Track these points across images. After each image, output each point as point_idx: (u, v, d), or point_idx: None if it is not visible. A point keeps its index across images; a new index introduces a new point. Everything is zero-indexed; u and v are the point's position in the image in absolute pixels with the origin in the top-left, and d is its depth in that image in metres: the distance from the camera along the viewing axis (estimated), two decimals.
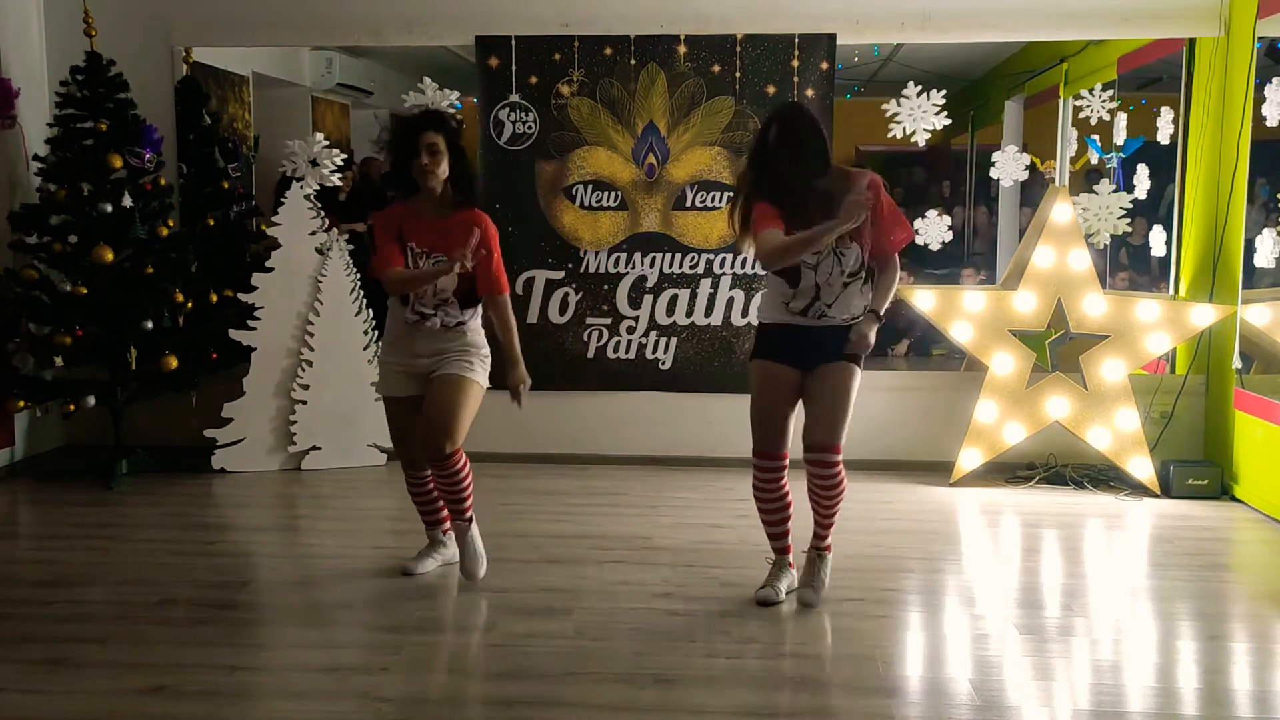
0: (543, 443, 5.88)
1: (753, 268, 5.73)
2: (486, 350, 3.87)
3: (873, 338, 3.59)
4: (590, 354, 5.88)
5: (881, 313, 3.63)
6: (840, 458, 3.60)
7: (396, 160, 3.72)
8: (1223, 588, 4.12)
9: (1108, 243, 5.80)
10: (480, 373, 3.81)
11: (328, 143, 5.86)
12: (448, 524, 4.06)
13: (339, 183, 5.93)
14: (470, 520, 3.91)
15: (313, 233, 5.67)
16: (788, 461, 3.67)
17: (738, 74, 5.70)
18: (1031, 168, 5.87)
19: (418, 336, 3.79)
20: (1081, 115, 6.61)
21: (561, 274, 5.83)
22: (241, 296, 5.62)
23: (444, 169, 3.69)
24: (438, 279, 3.67)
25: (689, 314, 5.83)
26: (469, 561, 3.91)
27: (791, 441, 3.69)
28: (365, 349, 5.70)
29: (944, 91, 5.62)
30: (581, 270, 5.84)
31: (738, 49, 5.68)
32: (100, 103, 5.39)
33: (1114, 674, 3.32)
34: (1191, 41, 5.60)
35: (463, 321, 3.82)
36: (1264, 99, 4.94)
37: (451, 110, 5.78)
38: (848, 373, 3.61)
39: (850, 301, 3.59)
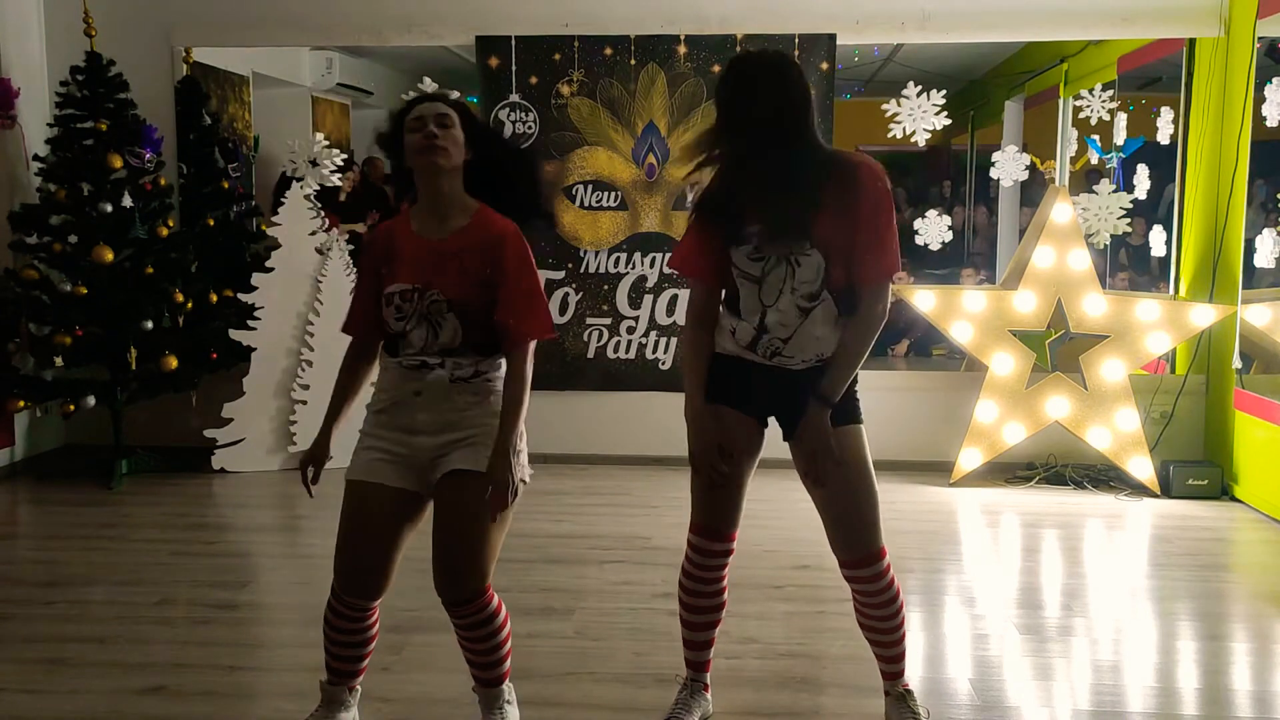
0: (543, 443, 5.84)
1: None
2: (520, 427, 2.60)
3: (828, 437, 2.56)
4: (590, 354, 5.88)
5: (835, 397, 2.56)
6: (886, 561, 2.67)
7: (393, 149, 2.58)
8: (1223, 588, 4.12)
9: (1108, 243, 5.81)
10: (512, 460, 2.54)
11: (328, 143, 5.87)
12: (360, 679, 2.80)
13: (339, 183, 5.94)
14: (504, 694, 2.76)
15: (313, 233, 5.67)
16: (733, 549, 2.79)
17: None
18: (1031, 168, 5.87)
19: (418, 404, 2.56)
20: (1081, 115, 6.62)
21: (561, 274, 5.83)
22: (241, 296, 5.62)
23: (457, 154, 2.50)
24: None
25: None
26: None
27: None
28: None
29: (944, 91, 5.62)
30: (581, 270, 5.84)
31: (738, 49, 5.68)
32: (100, 103, 5.40)
33: (1114, 674, 3.32)
34: (1191, 41, 5.60)
35: (482, 374, 2.56)
36: (1264, 99, 4.94)
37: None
38: (852, 437, 2.61)
39: (813, 336, 2.57)
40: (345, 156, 6.02)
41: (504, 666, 2.72)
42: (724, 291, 2.69)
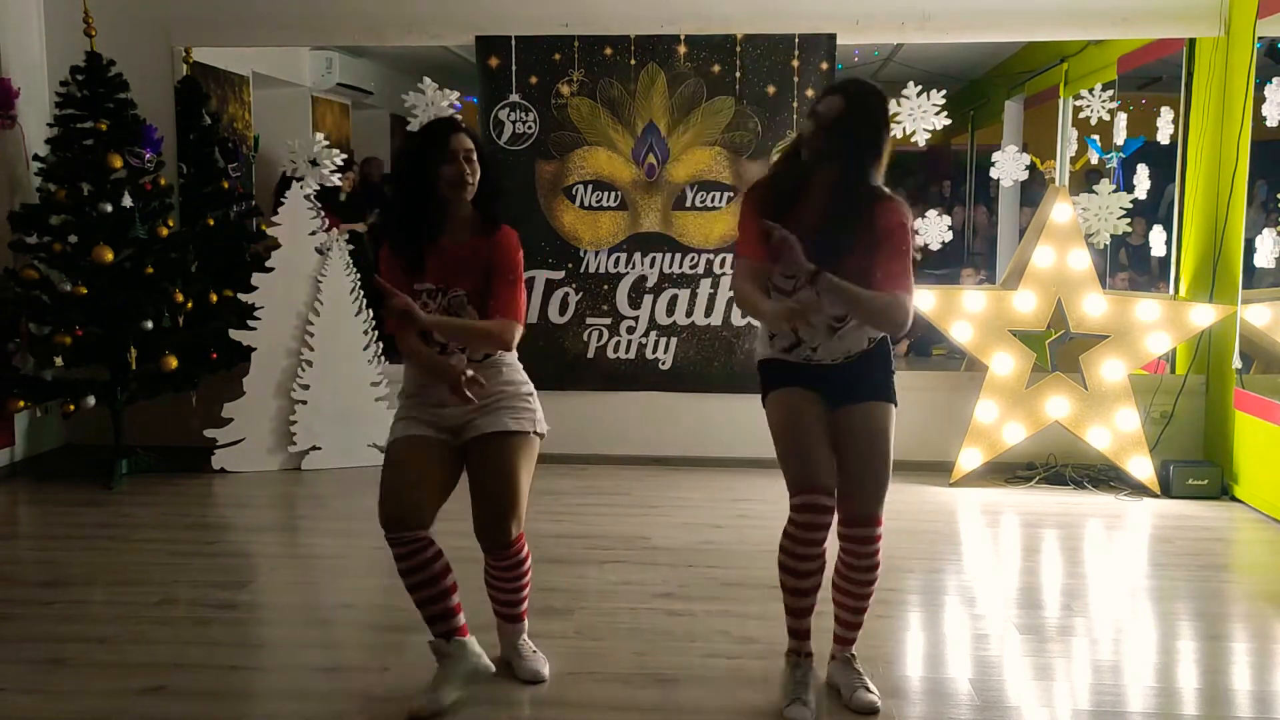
0: (543, 443, 5.85)
1: None
2: (530, 386, 3.09)
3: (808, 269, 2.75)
4: (590, 354, 5.88)
5: (827, 278, 2.74)
6: (881, 530, 2.94)
7: (415, 173, 2.90)
8: (1223, 588, 4.12)
9: (1108, 243, 5.80)
10: (528, 418, 3.03)
11: (328, 143, 5.87)
12: (462, 627, 3.02)
13: (339, 183, 5.94)
14: (525, 626, 3.23)
15: (313, 233, 5.67)
16: (834, 505, 2.89)
17: (738, 74, 5.70)
18: (1031, 168, 5.87)
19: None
20: (1081, 115, 6.61)
21: (561, 274, 5.83)
22: (241, 296, 5.62)
23: (476, 182, 2.94)
24: (448, 374, 2.85)
25: (689, 314, 5.83)
26: (531, 662, 3.17)
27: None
28: (365, 349, 5.70)
29: (944, 91, 5.62)
30: (581, 270, 5.84)
31: (738, 49, 5.68)
32: (100, 103, 5.39)
33: (1114, 674, 3.32)
34: (1191, 41, 5.60)
35: (490, 355, 3.01)
36: (1264, 99, 4.94)
37: (451, 110, 5.79)
38: (882, 415, 2.92)
39: (845, 343, 2.94)
40: (345, 156, 6.02)
41: (526, 603, 3.19)
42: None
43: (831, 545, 2.93)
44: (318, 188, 5.72)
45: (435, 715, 2.92)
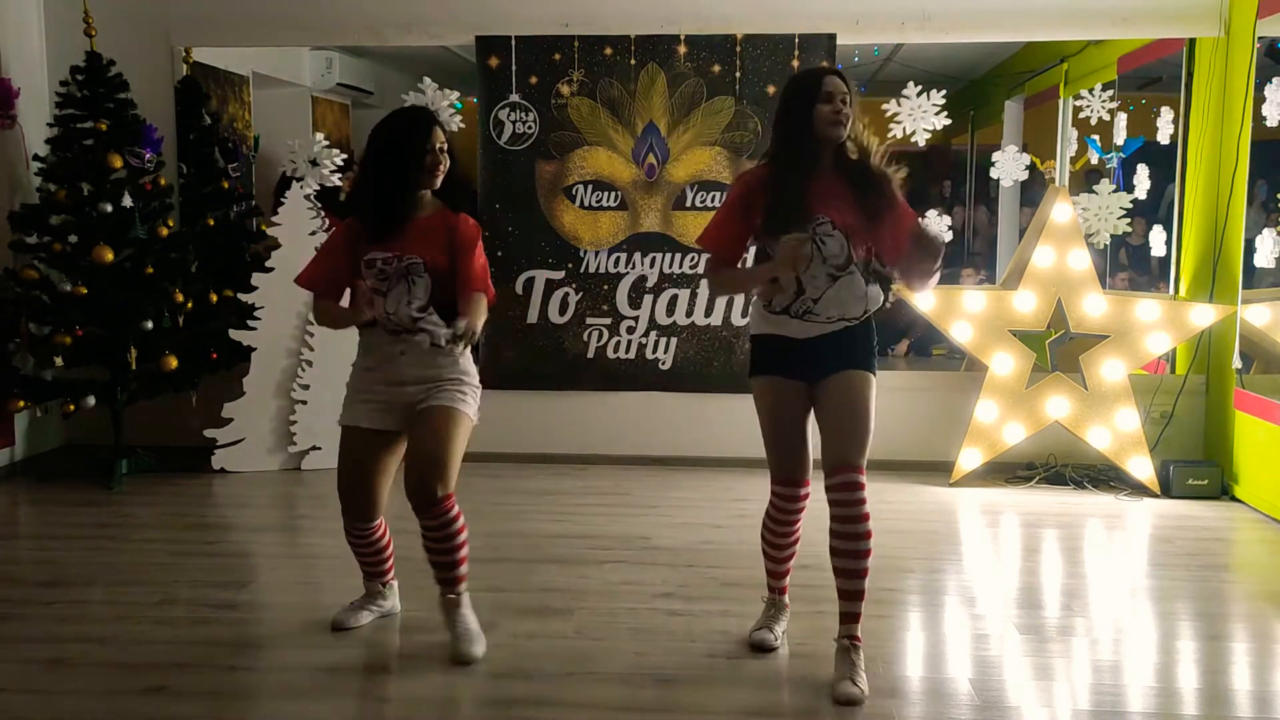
0: (543, 443, 5.88)
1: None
2: (477, 379, 3.34)
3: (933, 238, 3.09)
4: (590, 354, 5.88)
5: (930, 236, 3.11)
6: (863, 480, 3.03)
7: (396, 159, 3.19)
8: (1223, 588, 4.12)
9: (1108, 243, 5.80)
10: (471, 404, 3.29)
11: (328, 143, 5.87)
12: (391, 574, 3.62)
13: (339, 183, 5.94)
14: (461, 593, 3.33)
15: (313, 233, 5.67)
16: (809, 493, 3.21)
17: (738, 74, 5.70)
18: (1031, 168, 5.87)
19: (403, 362, 3.24)
20: (1081, 115, 6.61)
21: (561, 274, 5.83)
22: (241, 296, 5.62)
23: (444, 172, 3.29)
24: (367, 315, 3.23)
25: (689, 314, 5.83)
26: (463, 642, 3.29)
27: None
28: None
29: (944, 91, 5.62)
30: (581, 270, 5.84)
31: (738, 49, 5.68)
32: (100, 103, 5.39)
33: (1114, 674, 3.32)
34: (1191, 41, 5.61)
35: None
36: (1264, 99, 4.94)
37: (451, 110, 5.79)
38: (861, 380, 3.09)
39: (843, 298, 3.07)
40: (345, 156, 6.02)
41: (463, 568, 3.30)
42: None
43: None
44: (318, 188, 5.72)
45: (349, 629, 3.51)
